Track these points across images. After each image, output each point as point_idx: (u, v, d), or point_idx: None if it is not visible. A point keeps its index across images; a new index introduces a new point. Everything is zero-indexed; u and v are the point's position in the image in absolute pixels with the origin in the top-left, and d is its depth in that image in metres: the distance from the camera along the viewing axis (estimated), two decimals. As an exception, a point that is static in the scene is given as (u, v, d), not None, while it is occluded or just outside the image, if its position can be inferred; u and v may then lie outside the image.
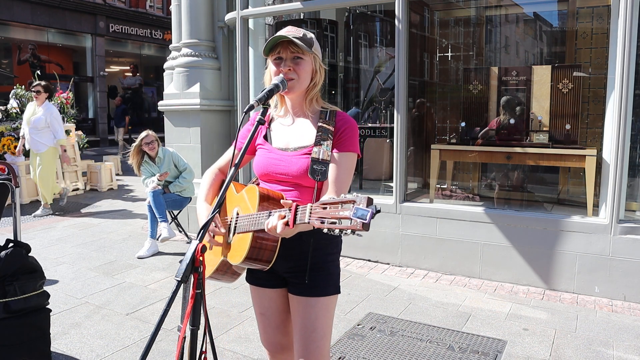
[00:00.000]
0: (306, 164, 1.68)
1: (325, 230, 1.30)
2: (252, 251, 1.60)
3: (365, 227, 1.25)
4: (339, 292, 1.81)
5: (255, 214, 1.59)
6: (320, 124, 1.72)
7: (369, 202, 1.27)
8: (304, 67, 1.69)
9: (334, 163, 1.68)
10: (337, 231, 1.28)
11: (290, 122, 1.79)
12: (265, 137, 1.81)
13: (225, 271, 1.79)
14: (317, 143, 1.69)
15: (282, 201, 1.49)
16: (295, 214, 1.40)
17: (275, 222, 1.44)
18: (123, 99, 18.28)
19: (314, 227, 1.34)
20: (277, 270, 1.76)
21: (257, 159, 1.80)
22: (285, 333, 1.90)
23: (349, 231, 1.27)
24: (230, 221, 1.74)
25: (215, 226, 1.66)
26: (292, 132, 1.76)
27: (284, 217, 1.44)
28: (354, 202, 1.28)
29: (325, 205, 1.32)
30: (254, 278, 1.87)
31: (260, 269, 1.71)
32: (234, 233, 1.70)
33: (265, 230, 1.50)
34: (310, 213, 1.35)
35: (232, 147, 1.87)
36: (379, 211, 1.27)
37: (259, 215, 1.57)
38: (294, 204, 1.42)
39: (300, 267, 1.73)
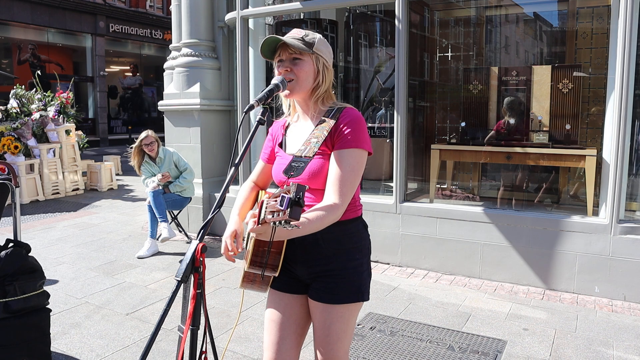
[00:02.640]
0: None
1: (271, 224, 1.27)
2: (255, 256, 1.59)
3: (288, 215, 1.20)
4: (364, 300, 1.72)
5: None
6: (322, 118, 1.69)
7: (299, 189, 1.22)
8: (302, 68, 1.67)
9: (335, 162, 1.61)
10: (279, 223, 1.23)
11: (300, 126, 1.78)
12: (281, 145, 1.80)
13: (254, 280, 1.72)
14: (307, 140, 1.67)
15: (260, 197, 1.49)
16: (260, 210, 1.36)
17: (247, 218, 1.45)
18: (123, 99, 18.33)
19: (266, 222, 1.30)
20: (300, 276, 1.74)
21: (274, 167, 1.79)
22: (292, 346, 1.75)
23: (283, 222, 1.22)
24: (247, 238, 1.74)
25: (234, 241, 1.65)
26: (301, 136, 1.75)
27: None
28: (288, 191, 1.23)
29: (275, 198, 1.28)
30: (276, 282, 1.79)
31: (271, 275, 1.67)
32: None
33: (248, 230, 1.49)
34: (266, 207, 1.31)
35: (260, 161, 1.89)
36: (298, 199, 1.20)
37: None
38: (262, 199, 1.39)
39: (321, 273, 1.70)
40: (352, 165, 1.61)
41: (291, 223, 1.22)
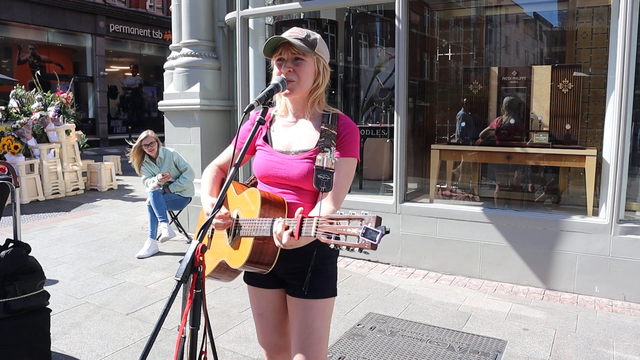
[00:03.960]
0: (307, 168, 1.66)
1: (332, 246, 1.31)
2: (253, 255, 1.61)
3: (374, 247, 1.24)
4: (336, 295, 1.80)
5: (258, 219, 1.58)
6: (323, 127, 1.70)
7: (378, 221, 1.26)
8: (304, 69, 1.67)
9: (335, 168, 1.66)
10: (344, 248, 1.28)
11: (291, 123, 1.77)
12: (266, 139, 1.79)
13: (224, 271, 1.79)
14: (321, 150, 1.67)
15: (297, 213, 1.47)
16: (301, 226, 1.40)
17: (280, 230, 1.45)
18: (123, 99, 18.29)
19: (319, 240, 1.34)
20: (276, 272, 1.75)
21: (257, 160, 1.78)
22: (283, 334, 1.89)
23: (356, 249, 1.26)
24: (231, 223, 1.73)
25: (221, 220, 1.65)
26: (294, 135, 1.74)
27: (288, 227, 1.44)
28: (362, 219, 1.27)
29: (332, 221, 1.32)
30: (251, 278, 1.87)
31: (260, 273, 1.71)
32: (233, 235, 1.70)
33: (274, 239, 1.50)
34: (317, 227, 1.34)
35: (231, 146, 1.87)
36: (388, 232, 1.26)
37: (261, 222, 1.56)
38: (300, 215, 1.42)
39: (299, 269, 1.72)
40: (348, 174, 1.70)
41: (368, 251, 1.27)
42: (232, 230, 1.71)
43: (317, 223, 1.35)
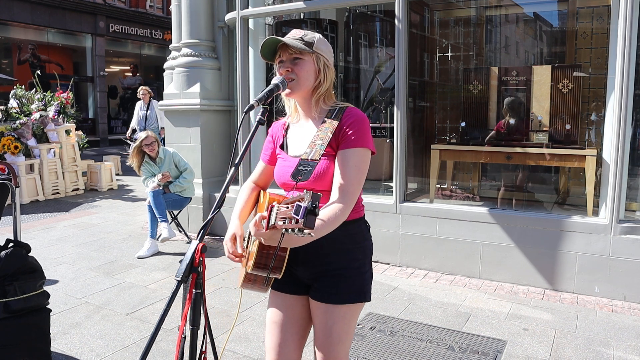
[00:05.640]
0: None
1: (282, 231, 1.26)
2: (260, 257, 1.58)
3: (302, 224, 1.18)
4: (366, 300, 1.73)
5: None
6: (324, 121, 1.69)
7: (314, 198, 1.21)
8: (303, 67, 1.67)
9: (340, 162, 1.61)
10: (292, 230, 1.22)
11: (302, 127, 1.77)
12: (282, 146, 1.79)
13: (255, 280, 1.73)
14: (312, 142, 1.66)
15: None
16: (270, 215, 1.36)
17: (256, 221, 1.44)
18: (123, 99, 18.20)
19: (276, 228, 1.30)
20: (301, 277, 1.74)
21: (276, 169, 1.78)
22: (294, 348, 1.77)
23: (296, 230, 1.21)
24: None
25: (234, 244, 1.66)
26: (304, 137, 1.74)
27: (266, 217, 1.40)
28: (302, 199, 1.22)
29: (287, 205, 1.27)
30: (276, 282, 1.79)
31: (274, 277, 1.67)
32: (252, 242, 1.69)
33: (252, 233, 1.48)
34: (277, 213, 1.30)
35: (261, 162, 1.89)
36: (314, 207, 1.19)
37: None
38: (273, 204, 1.38)
39: (322, 274, 1.70)
40: (357, 165, 1.61)
41: (305, 231, 1.21)
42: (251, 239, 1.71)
43: (277, 210, 1.30)
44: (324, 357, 1.71)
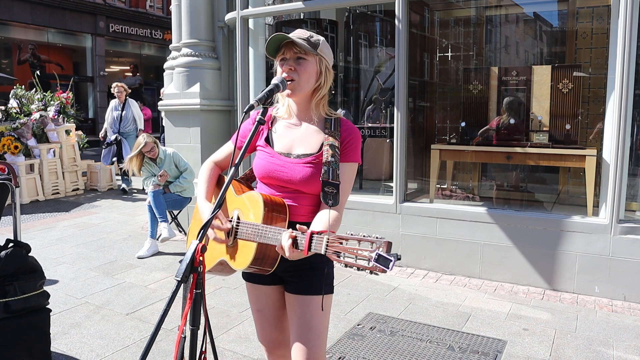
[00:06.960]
0: (309, 172, 1.67)
1: (342, 265, 1.33)
2: (255, 261, 1.63)
3: (384, 272, 1.28)
4: (333, 292, 1.84)
5: (261, 225, 1.59)
6: (326, 134, 1.71)
7: (389, 247, 1.30)
8: (305, 68, 1.67)
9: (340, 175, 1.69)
10: (354, 268, 1.32)
11: (294, 126, 1.77)
12: (267, 140, 1.79)
13: (222, 268, 1.81)
14: (326, 160, 1.67)
15: (297, 226, 1.49)
16: (310, 242, 1.42)
17: (288, 244, 1.46)
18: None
19: (336, 260, 1.37)
20: (275, 270, 1.75)
21: (258, 161, 1.78)
22: (282, 330, 1.92)
23: (367, 270, 1.30)
24: (232, 224, 1.73)
25: (220, 222, 1.68)
26: (296, 137, 1.74)
27: (296, 238, 1.46)
28: (373, 242, 1.32)
29: (342, 240, 1.35)
30: (250, 275, 1.88)
31: (262, 274, 1.74)
32: (234, 237, 1.70)
33: (277, 250, 1.52)
34: (327, 245, 1.37)
35: (230, 143, 1.88)
36: (399, 259, 1.30)
37: (265, 229, 1.57)
38: (309, 231, 1.43)
39: (296, 267, 1.74)
40: (350, 178, 1.74)
41: (373, 272, 1.31)
42: (233, 231, 1.71)
43: (328, 242, 1.37)
44: (306, 351, 1.72)
